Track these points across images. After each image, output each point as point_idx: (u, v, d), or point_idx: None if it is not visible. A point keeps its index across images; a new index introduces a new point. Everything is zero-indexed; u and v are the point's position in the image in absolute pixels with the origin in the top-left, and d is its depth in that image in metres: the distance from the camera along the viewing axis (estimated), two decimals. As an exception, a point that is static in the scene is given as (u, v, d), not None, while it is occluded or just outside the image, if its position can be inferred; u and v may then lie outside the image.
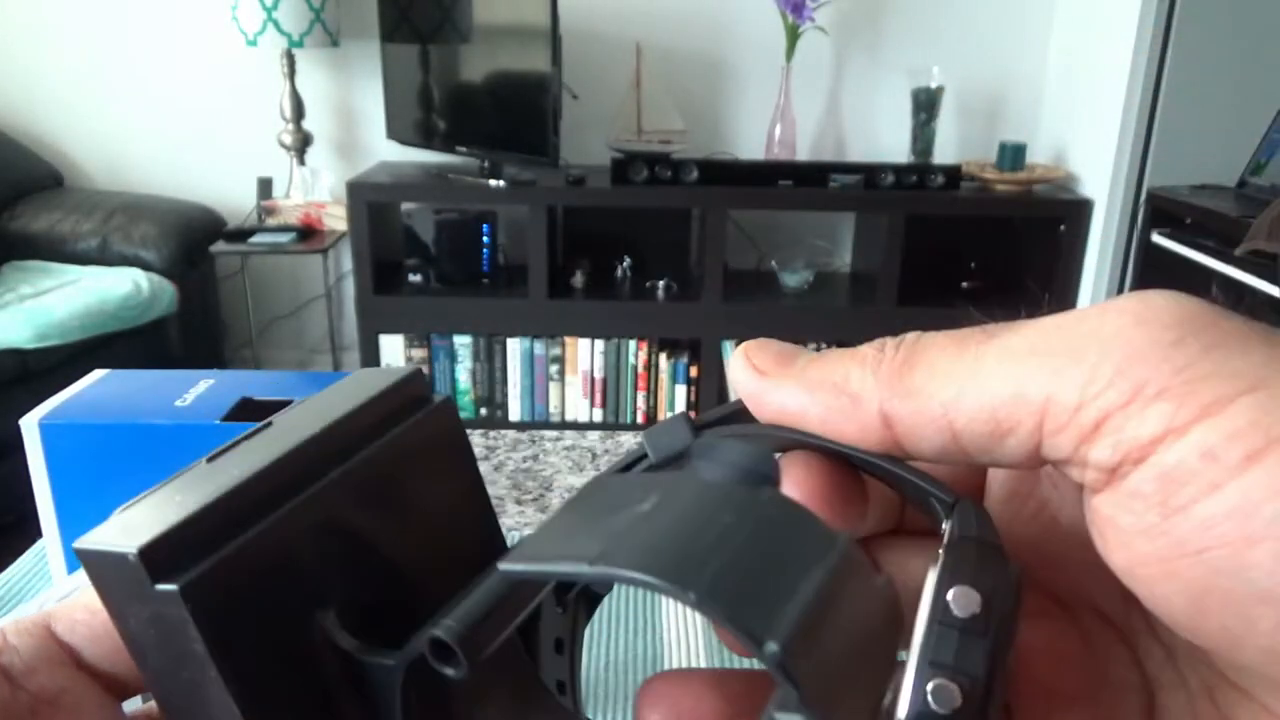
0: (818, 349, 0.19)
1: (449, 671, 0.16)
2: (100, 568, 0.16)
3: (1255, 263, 1.78)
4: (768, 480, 0.19)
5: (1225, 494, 0.13)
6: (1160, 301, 0.15)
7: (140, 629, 0.16)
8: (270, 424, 0.20)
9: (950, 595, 0.15)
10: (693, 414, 0.20)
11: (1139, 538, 0.15)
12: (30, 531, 0.60)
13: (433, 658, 0.16)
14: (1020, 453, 0.16)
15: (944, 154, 2.57)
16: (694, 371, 2.52)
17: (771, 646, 0.13)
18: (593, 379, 2.52)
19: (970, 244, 2.61)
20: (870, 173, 2.38)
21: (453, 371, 2.52)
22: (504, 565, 0.16)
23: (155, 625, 0.16)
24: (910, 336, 0.17)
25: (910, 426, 0.17)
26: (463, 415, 2.55)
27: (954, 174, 2.40)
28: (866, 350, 0.18)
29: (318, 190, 2.58)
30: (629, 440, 0.83)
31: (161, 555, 0.15)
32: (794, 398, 0.18)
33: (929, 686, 0.14)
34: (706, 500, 0.16)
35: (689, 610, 0.59)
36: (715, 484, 0.17)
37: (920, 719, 0.14)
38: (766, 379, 0.18)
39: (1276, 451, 0.13)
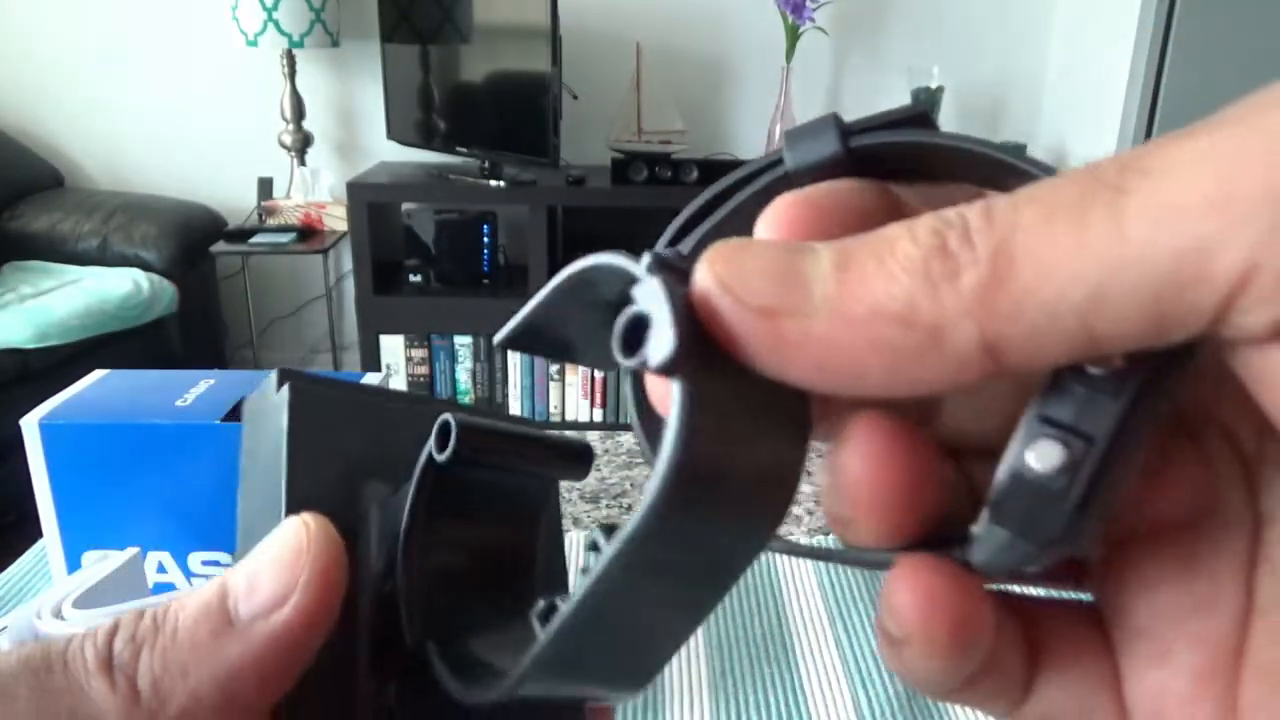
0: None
1: (439, 456, 0.18)
2: (254, 398, 0.21)
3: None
4: None
5: None
6: None
7: (254, 425, 0.20)
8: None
9: None
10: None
11: None
12: (30, 531, 0.60)
13: (436, 441, 0.18)
14: (1184, 337, 0.12)
15: (944, 154, 2.57)
16: (694, 371, 2.51)
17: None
18: (592, 379, 2.52)
19: (970, 244, 2.61)
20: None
21: (453, 371, 2.52)
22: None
23: (264, 418, 0.20)
24: (980, 219, 0.12)
25: (1030, 353, 0.12)
26: (463, 415, 2.55)
27: (954, 174, 2.40)
28: (921, 250, 0.12)
29: (318, 190, 2.58)
30: (629, 440, 0.83)
31: (291, 377, 0.20)
32: (834, 350, 0.12)
33: (1033, 444, 0.12)
34: None
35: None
36: None
37: (1015, 478, 0.12)
38: (776, 321, 0.12)
39: None
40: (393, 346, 2.49)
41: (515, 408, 2.55)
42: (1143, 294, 0.11)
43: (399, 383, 2.50)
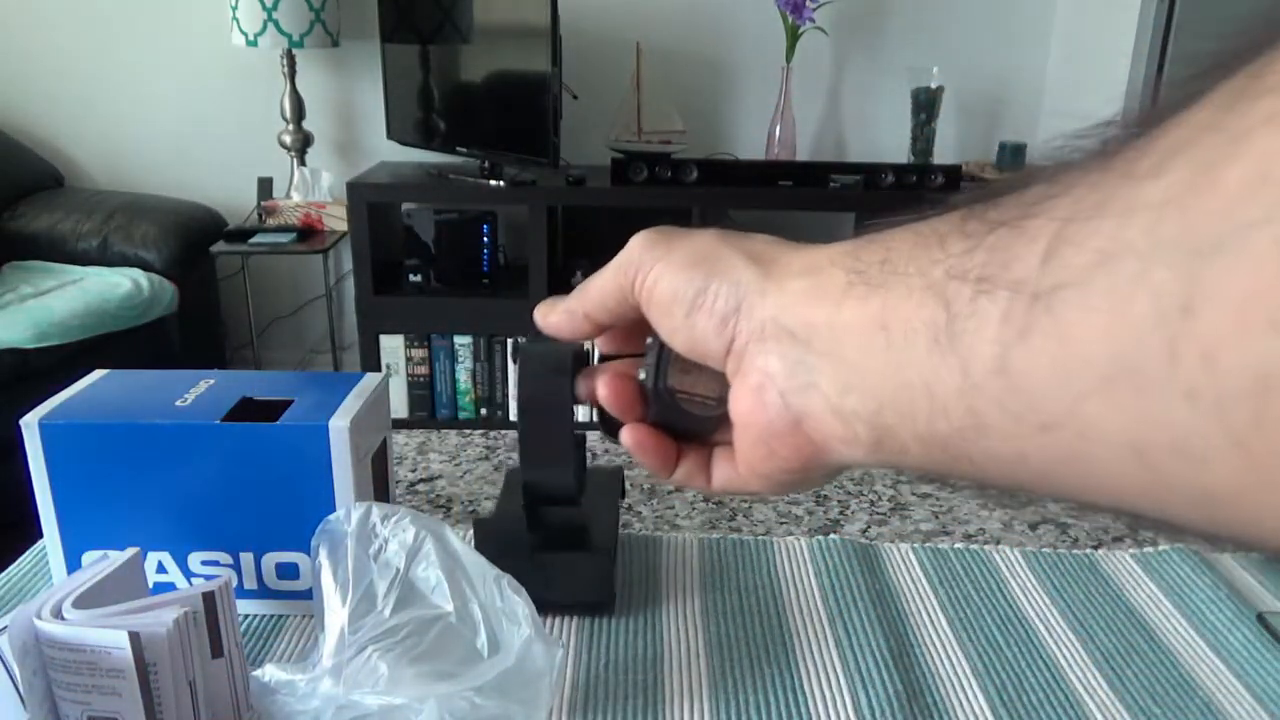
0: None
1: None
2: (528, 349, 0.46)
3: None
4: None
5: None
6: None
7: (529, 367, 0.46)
8: None
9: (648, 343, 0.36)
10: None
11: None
12: (30, 531, 0.60)
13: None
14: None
15: (944, 154, 2.57)
16: (694, 371, 2.51)
17: None
18: (593, 379, 2.52)
19: (970, 244, 2.61)
20: (870, 173, 2.38)
21: (453, 371, 2.52)
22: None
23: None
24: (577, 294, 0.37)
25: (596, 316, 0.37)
26: (462, 415, 2.55)
27: (954, 174, 2.40)
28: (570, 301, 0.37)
29: (318, 190, 2.58)
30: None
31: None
32: (556, 319, 0.37)
33: (640, 369, 0.37)
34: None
35: (689, 611, 0.59)
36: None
37: (640, 383, 0.38)
38: (544, 320, 0.38)
39: None
40: (393, 346, 2.49)
41: (515, 408, 2.55)
42: (608, 297, 0.36)
43: (399, 382, 2.50)
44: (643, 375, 0.35)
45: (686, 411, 0.36)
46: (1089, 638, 0.57)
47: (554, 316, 0.37)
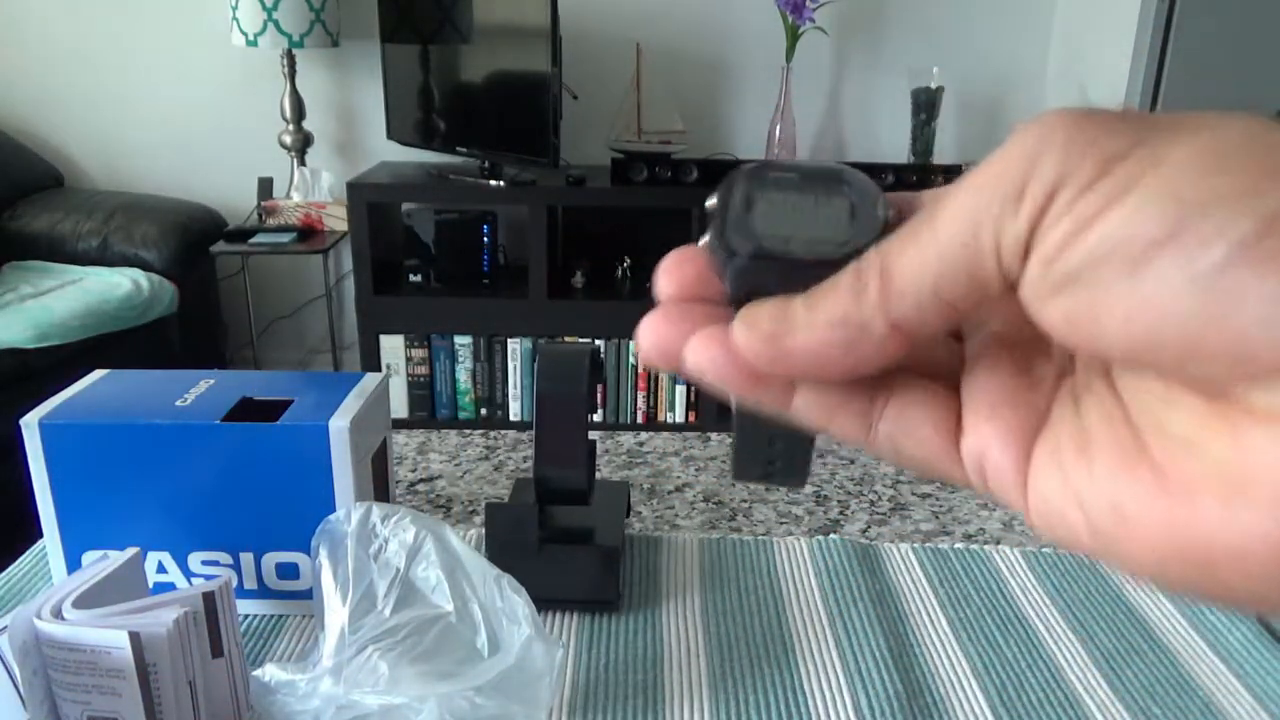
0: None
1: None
2: None
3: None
4: None
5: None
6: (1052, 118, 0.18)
7: None
8: None
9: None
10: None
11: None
12: (30, 531, 0.60)
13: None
14: (1001, 287, 0.18)
15: (944, 154, 2.57)
16: (694, 371, 2.51)
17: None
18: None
19: (970, 244, 2.61)
20: (870, 173, 2.36)
21: (453, 371, 2.52)
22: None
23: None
24: (873, 253, 0.19)
25: (918, 323, 0.19)
26: (462, 415, 2.55)
27: (954, 174, 2.40)
28: (848, 278, 0.19)
29: (318, 190, 2.58)
30: (629, 440, 0.83)
31: None
32: (808, 349, 0.20)
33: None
34: None
35: (690, 610, 0.59)
36: None
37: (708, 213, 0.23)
38: (781, 338, 0.20)
39: (1134, 195, 0.16)
40: (393, 346, 2.49)
41: (515, 407, 2.55)
42: (959, 273, 0.18)
43: (399, 382, 2.50)
44: (705, 239, 0.23)
45: (793, 260, 0.21)
46: (1089, 638, 0.57)
47: (807, 335, 0.20)
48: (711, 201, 0.23)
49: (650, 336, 0.22)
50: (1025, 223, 0.17)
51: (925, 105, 2.49)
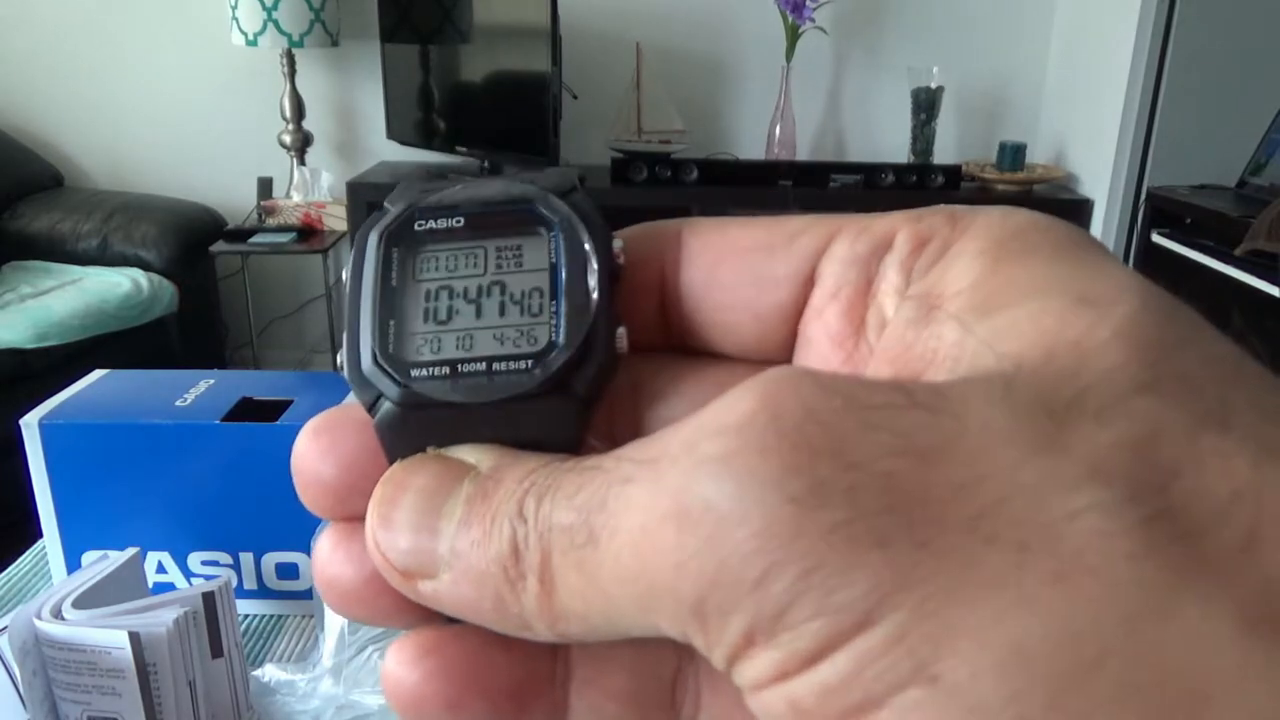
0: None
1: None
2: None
3: (1255, 263, 1.78)
4: None
5: None
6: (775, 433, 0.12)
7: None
8: None
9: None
10: None
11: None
12: (30, 531, 0.60)
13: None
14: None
15: (944, 154, 2.57)
16: (694, 371, 2.51)
17: None
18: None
19: (970, 244, 2.61)
20: (870, 173, 2.39)
21: (453, 371, 2.52)
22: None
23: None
24: (532, 521, 0.13)
25: (594, 638, 0.14)
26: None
27: (954, 174, 2.40)
28: (503, 545, 0.13)
29: (318, 190, 2.58)
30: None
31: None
32: (463, 609, 0.14)
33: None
34: None
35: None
36: None
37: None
38: (412, 581, 0.14)
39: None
40: (393, 346, 2.49)
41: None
42: (631, 620, 0.13)
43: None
44: (339, 357, 0.16)
45: (461, 408, 0.15)
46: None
47: (452, 589, 0.14)
48: (344, 273, 0.16)
49: (330, 586, 0.16)
50: (718, 656, 0.12)
51: (925, 105, 2.49)
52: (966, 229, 0.15)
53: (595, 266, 0.15)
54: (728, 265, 0.16)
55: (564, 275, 0.15)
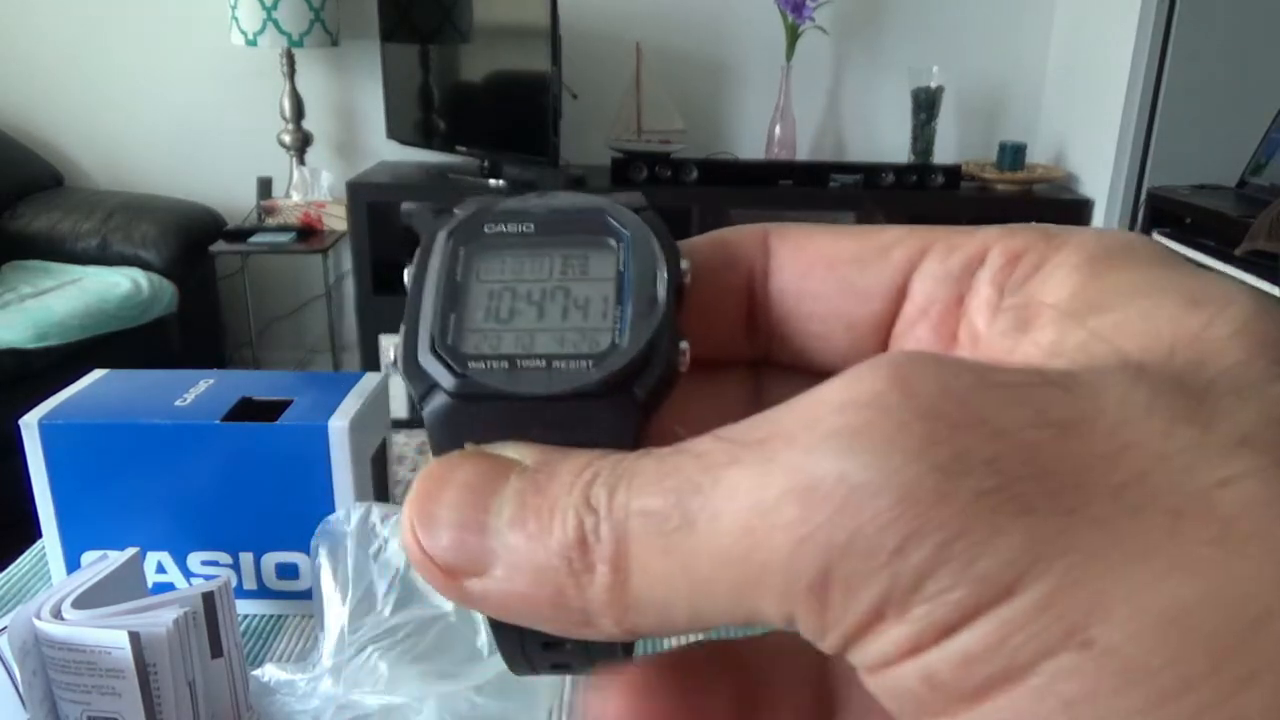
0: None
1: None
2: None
3: (1255, 263, 1.78)
4: None
5: None
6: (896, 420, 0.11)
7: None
8: None
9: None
10: None
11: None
12: (30, 531, 0.60)
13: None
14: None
15: (944, 154, 2.57)
16: (694, 371, 2.51)
17: None
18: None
19: (970, 244, 2.61)
20: (870, 173, 2.39)
21: (453, 371, 2.52)
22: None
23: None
24: (605, 509, 0.13)
25: (664, 631, 0.13)
26: (463, 415, 2.55)
27: (954, 174, 2.40)
28: (568, 535, 0.13)
29: (318, 190, 2.58)
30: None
31: None
32: (512, 609, 0.14)
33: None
34: None
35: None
36: None
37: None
38: (458, 580, 0.14)
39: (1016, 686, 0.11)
40: (393, 346, 2.49)
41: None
42: (724, 606, 0.12)
43: (399, 382, 2.49)
44: (390, 357, 0.17)
45: (520, 399, 0.15)
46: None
47: (503, 584, 0.14)
48: (406, 274, 0.16)
49: None
50: (835, 635, 0.12)
51: (925, 105, 2.49)
52: (1063, 245, 0.14)
53: (665, 275, 0.15)
54: (820, 276, 0.16)
55: (631, 283, 0.15)
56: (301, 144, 2.60)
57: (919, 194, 2.38)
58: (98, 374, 0.60)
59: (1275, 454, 0.11)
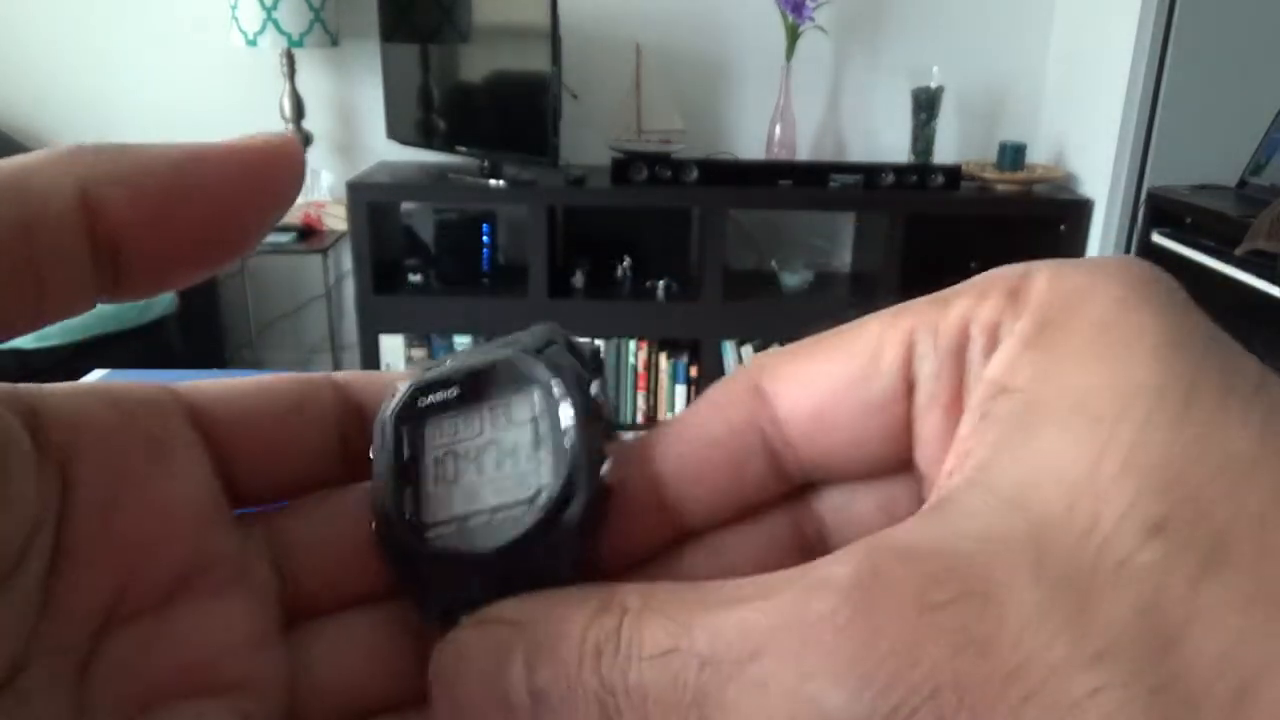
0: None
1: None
2: None
3: (1255, 263, 1.78)
4: None
5: None
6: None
7: None
8: None
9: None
10: None
11: None
12: (30, 531, 0.60)
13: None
14: None
15: (944, 154, 2.57)
16: (694, 371, 2.52)
17: None
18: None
19: (970, 244, 2.61)
20: (870, 173, 2.38)
21: (453, 371, 2.52)
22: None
23: None
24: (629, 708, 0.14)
25: None
26: (463, 415, 2.55)
27: (954, 174, 2.40)
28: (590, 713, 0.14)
29: (318, 190, 2.58)
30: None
31: None
32: None
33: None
34: None
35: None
36: None
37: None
38: None
39: None
40: (393, 346, 2.49)
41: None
42: None
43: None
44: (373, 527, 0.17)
45: (477, 557, 0.16)
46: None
47: None
48: (371, 452, 0.17)
49: None
50: None
51: (925, 105, 2.49)
52: (1024, 307, 0.15)
53: (571, 411, 0.17)
54: (830, 410, 0.17)
55: (544, 425, 0.17)
56: (301, 144, 2.59)
57: (919, 194, 2.38)
58: (98, 374, 0.60)
59: (1132, 659, 0.12)
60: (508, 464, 0.17)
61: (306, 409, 0.18)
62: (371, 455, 0.17)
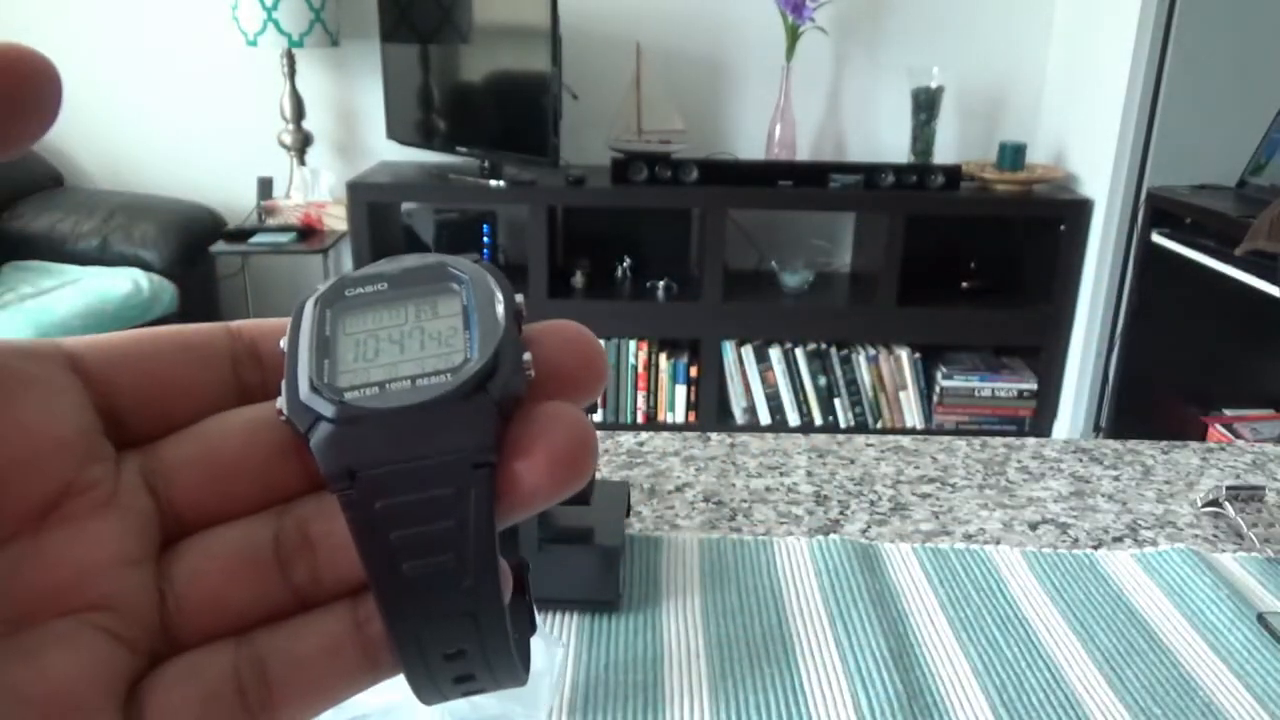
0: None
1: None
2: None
3: (1255, 263, 1.78)
4: None
5: None
6: None
7: None
8: None
9: None
10: None
11: None
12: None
13: None
14: None
15: (944, 154, 2.57)
16: (694, 371, 2.52)
17: None
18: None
19: (970, 244, 2.61)
20: (870, 173, 2.38)
21: (453, 371, 2.52)
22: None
23: None
24: None
25: None
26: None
27: (954, 174, 2.40)
28: None
29: (318, 190, 2.58)
30: (629, 440, 0.83)
31: None
32: None
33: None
34: None
35: (690, 610, 0.59)
36: None
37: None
38: None
39: None
40: (393, 346, 2.49)
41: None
42: None
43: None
44: (279, 401, 0.17)
45: (397, 412, 0.17)
46: (1089, 638, 0.57)
47: None
48: (282, 342, 0.17)
49: None
50: None
51: (925, 105, 2.49)
52: None
53: (502, 299, 0.17)
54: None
55: (475, 313, 0.17)
56: (302, 144, 2.60)
57: (919, 194, 2.38)
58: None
59: None
60: (431, 346, 0.17)
61: (194, 348, 0.19)
62: (283, 344, 0.17)
